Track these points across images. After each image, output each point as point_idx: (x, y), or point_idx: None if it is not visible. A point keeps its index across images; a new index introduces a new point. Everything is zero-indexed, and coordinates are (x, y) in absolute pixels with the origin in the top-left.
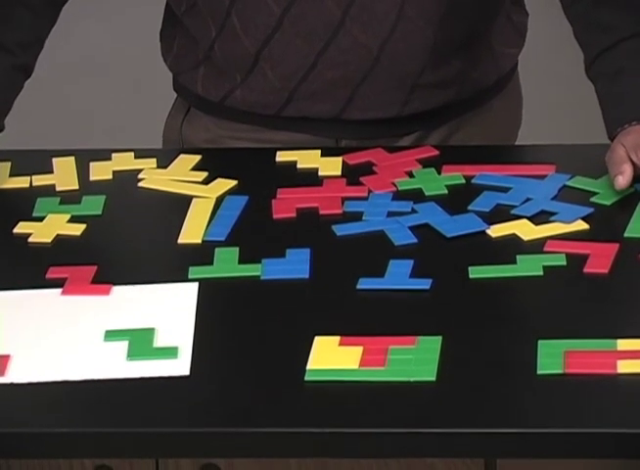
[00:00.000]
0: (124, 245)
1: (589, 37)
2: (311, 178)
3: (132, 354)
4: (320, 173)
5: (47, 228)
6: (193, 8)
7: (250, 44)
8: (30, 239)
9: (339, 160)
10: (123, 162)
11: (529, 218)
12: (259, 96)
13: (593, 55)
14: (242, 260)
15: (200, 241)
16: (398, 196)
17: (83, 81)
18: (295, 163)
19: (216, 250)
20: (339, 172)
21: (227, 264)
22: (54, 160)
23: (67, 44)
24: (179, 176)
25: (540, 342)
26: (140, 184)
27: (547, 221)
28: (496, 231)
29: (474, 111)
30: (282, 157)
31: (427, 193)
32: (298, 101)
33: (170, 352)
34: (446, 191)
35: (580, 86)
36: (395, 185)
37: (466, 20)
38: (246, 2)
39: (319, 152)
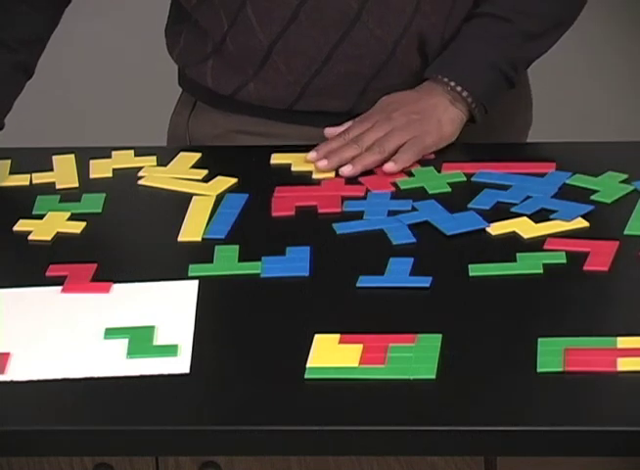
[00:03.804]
0: (124, 243)
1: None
2: (307, 179)
3: (132, 352)
4: (314, 176)
5: (47, 226)
6: (205, 1)
7: (264, 37)
8: (30, 237)
9: None
10: (123, 159)
11: (530, 216)
12: (272, 90)
13: (471, 13)
14: (242, 258)
15: (200, 239)
16: (398, 195)
17: (84, 79)
18: (289, 165)
19: (216, 247)
20: (332, 175)
21: (227, 262)
22: (54, 157)
23: (67, 41)
24: (179, 174)
25: (540, 340)
26: (140, 182)
27: (547, 219)
28: (496, 229)
29: None
30: (276, 159)
31: (430, 191)
32: (311, 96)
33: (170, 350)
34: (449, 189)
35: (581, 84)
36: (396, 184)
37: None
38: None
39: None
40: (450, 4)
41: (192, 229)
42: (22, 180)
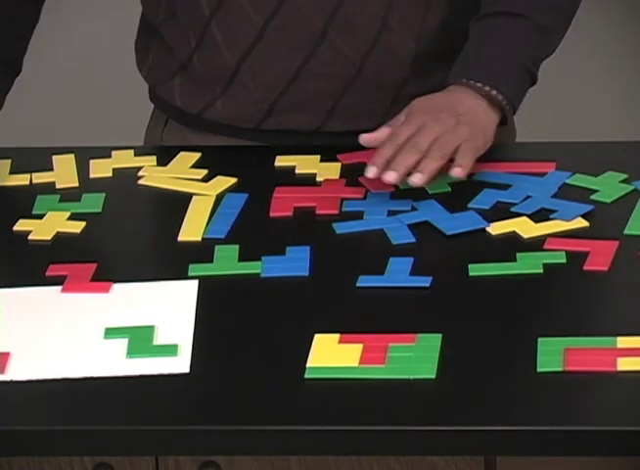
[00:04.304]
0: (124, 242)
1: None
2: (310, 181)
3: (132, 352)
4: (318, 179)
5: (47, 226)
6: (172, 18)
7: (230, 55)
8: (30, 236)
9: (337, 165)
10: (123, 159)
11: (529, 216)
12: (240, 108)
13: (480, 15)
14: (242, 258)
15: (200, 238)
16: (398, 194)
17: (84, 79)
18: (293, 168)
19: (216, 247)
20: (337, 177)
21: (227, 262)
22: (54, 157)
23: (67, 42)
24: (179, 174)
25: (540, 339)
26: (140, 182)
27: (547, 219)
28: (496, 229)
29: None
30: (281, 162)
31: (429, 191)
32: (279, 113)
33: (170, 350)
34: (449, 188)
35: (581, 84)
36: (396, 184)
37: (451, 32)
38: (226, 12)
39: (318, 157)
40: (420, 20)
41: (192, 229)
42: (21, 180)
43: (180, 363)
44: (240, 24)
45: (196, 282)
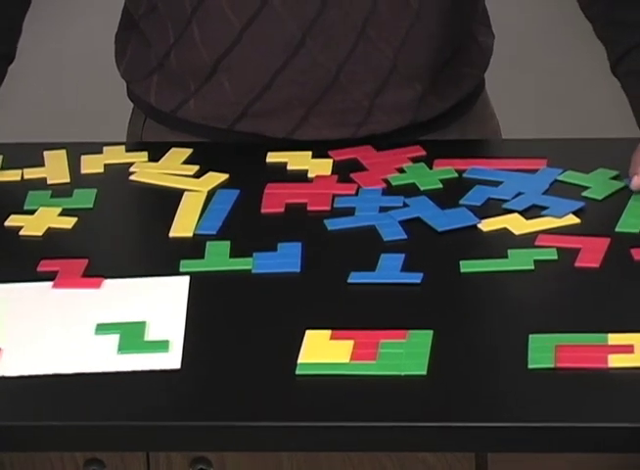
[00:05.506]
0: (115, 238)
1: (613, 35)
2: (302, 177)
3: (123, 348)
4: (309, 175)
5: (38, 221)
6: (153, 11)
7: (207, 55)
8: (21, 232)
9: (329, 161)
10: (115, 155)
11: (521, 213)
12: (213, 107)
13: (620, 53)
14: (233, 254)
15: (191, 234)
16: (390, 191)
17: (76, 75)
18: (285, 164)
19: (207, 243)
20: (328, 173)
21: (218, 258)
22: (45, 153)
23: (58, 37)
24: (170, 170)
25: (531, 336)
26: (131, 178)
27: (538, 216)
28: (487, 225)
29: (431, 134)
30: (272, 158)
31: (421, 188)
32: (252, 117)
33: (161, 346)
34: (441, 185)
35: (573, 80)
36: (387, 181)
37: (437, 47)
38: (207, 12)
39: (309, 153)
40: (404, 32)
41: (183, 225)
42: (13, 176)
43: (171, 359)
44: (219, 26)
45: (187, 278)
